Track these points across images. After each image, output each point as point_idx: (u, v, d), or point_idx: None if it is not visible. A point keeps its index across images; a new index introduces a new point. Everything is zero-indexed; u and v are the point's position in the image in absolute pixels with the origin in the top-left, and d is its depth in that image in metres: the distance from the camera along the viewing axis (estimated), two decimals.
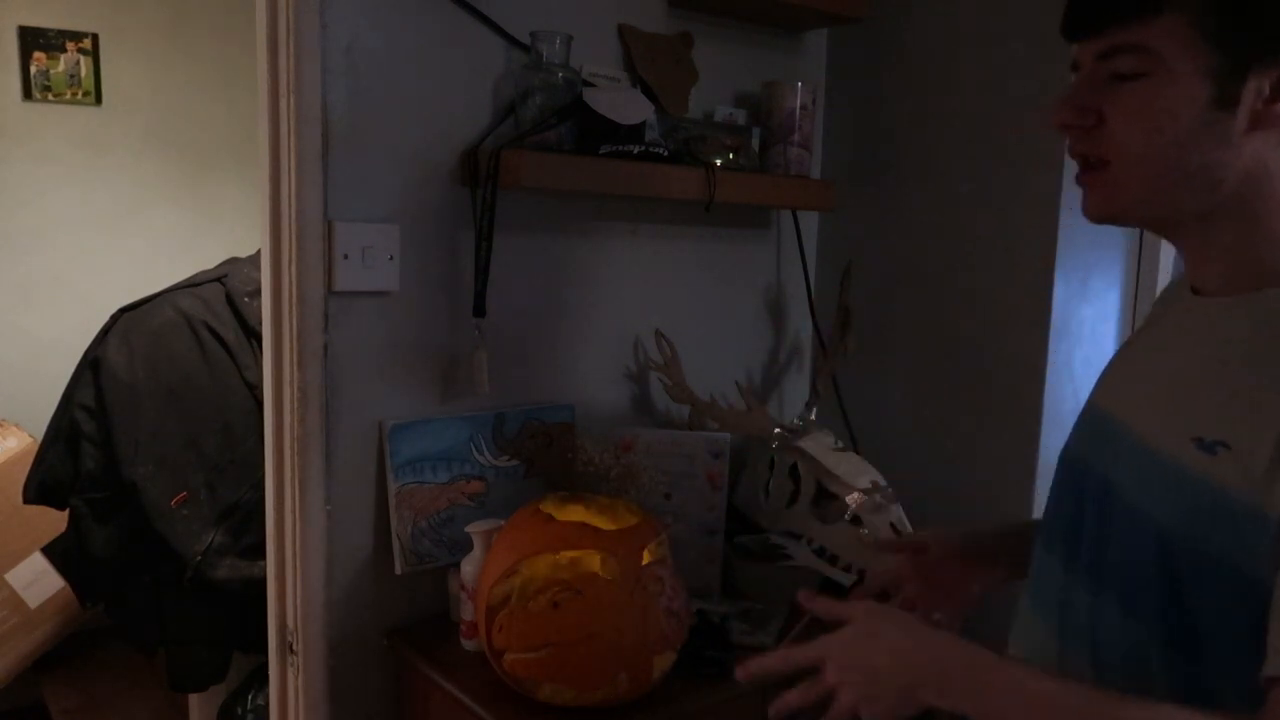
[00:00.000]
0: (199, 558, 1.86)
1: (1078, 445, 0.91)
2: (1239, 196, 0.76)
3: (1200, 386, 0.77)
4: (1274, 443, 0.69)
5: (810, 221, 1.92)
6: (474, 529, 1.35)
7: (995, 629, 0.94)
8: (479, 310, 1.42)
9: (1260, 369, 0.73)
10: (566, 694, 1.18)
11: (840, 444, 1.66)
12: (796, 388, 1.96)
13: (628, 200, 1.63)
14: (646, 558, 1.21)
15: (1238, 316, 0.77)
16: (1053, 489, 0.93)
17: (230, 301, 2.04)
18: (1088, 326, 1.64)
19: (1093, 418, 0.89)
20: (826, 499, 1.59)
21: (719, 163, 1.58)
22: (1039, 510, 1.34)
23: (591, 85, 1.50)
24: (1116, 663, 0.79)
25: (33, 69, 2.88)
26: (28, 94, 2.88)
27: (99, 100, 3.00)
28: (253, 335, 1.99)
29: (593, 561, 1.18)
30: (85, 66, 2.96)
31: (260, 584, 1.49)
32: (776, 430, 1.68)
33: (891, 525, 1.55)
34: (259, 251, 1.39)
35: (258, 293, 1.75)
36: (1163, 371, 0.82)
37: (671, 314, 1.73)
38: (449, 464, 1.47)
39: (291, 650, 1.42)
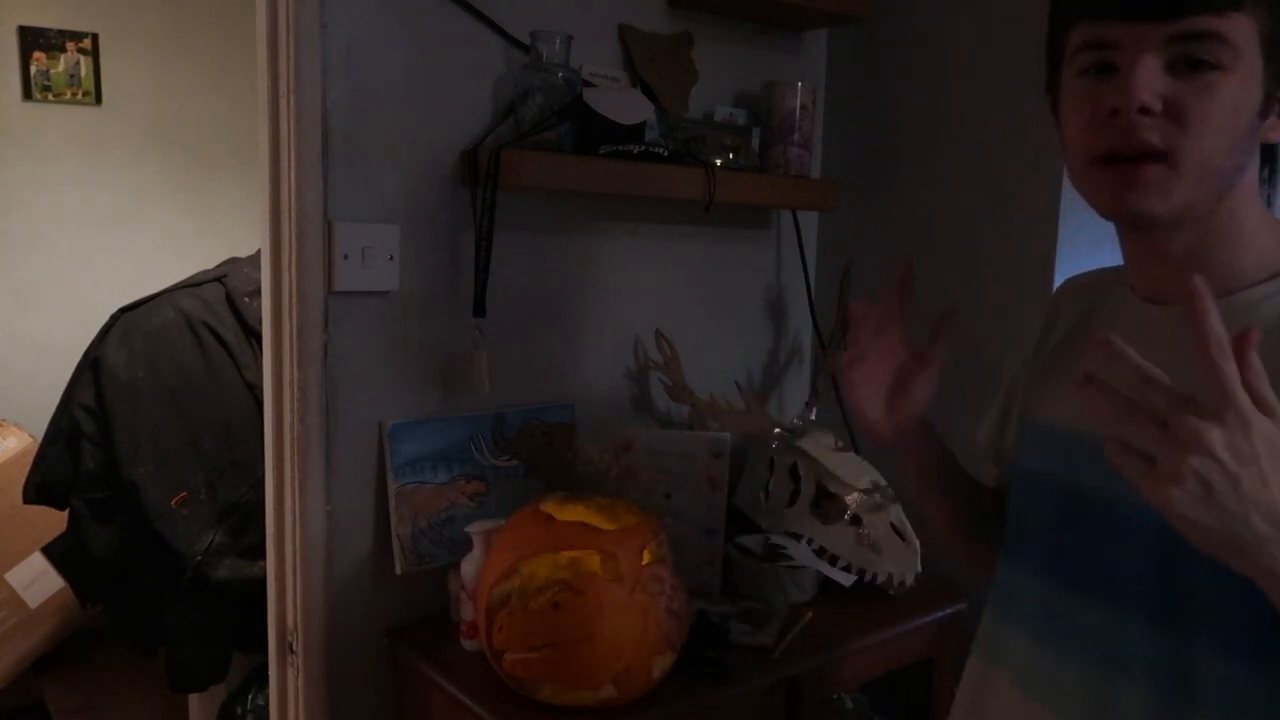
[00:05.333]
0: (199, 558, 1.86)
1: (1047, 466, 0.89)
2: (1229, 199, 0.76)
3: None
4: None
5: (810, 221, 1.92)
6: (474, 529, 1.35)
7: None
8: (479, 310, 1.42)
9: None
10: (566, 694, 1.18)
11: (840, 444, 1.66)
12: (796, 388, 1.96)
13: (628, 200, 1.63)
14: (646, 558, 1.21)
15: None
16: (1024, 506, 0.92)
17: (230, 301, 2.04)
18: None
19: (1055, 434, 0.87)
20: (826, 499, 1.60)
21: (719, 163, 1.58)
22: None
23: (591, 85, 1.50)
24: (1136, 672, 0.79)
25: (33, 69, 2.88)
26: (28, 94, 2.88)
27: (99, 100, 3.00)
28: (253, 335, 1.99)
29: (593, 561, 1.18)
30: (85, 66, 2.96)
31: (260, 584, 1.49)
32: (776, 430, 1.68)
33: (891, 525, 1.55)
34: (259, 251, 1.39)
35: (258, 293, 1.75)
36: None
37: (671, 314, 1.73)
38: (449, 464, 1.47)
39: (291, 650, 1.42)
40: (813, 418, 1.72)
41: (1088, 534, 0.83)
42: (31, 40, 2.87)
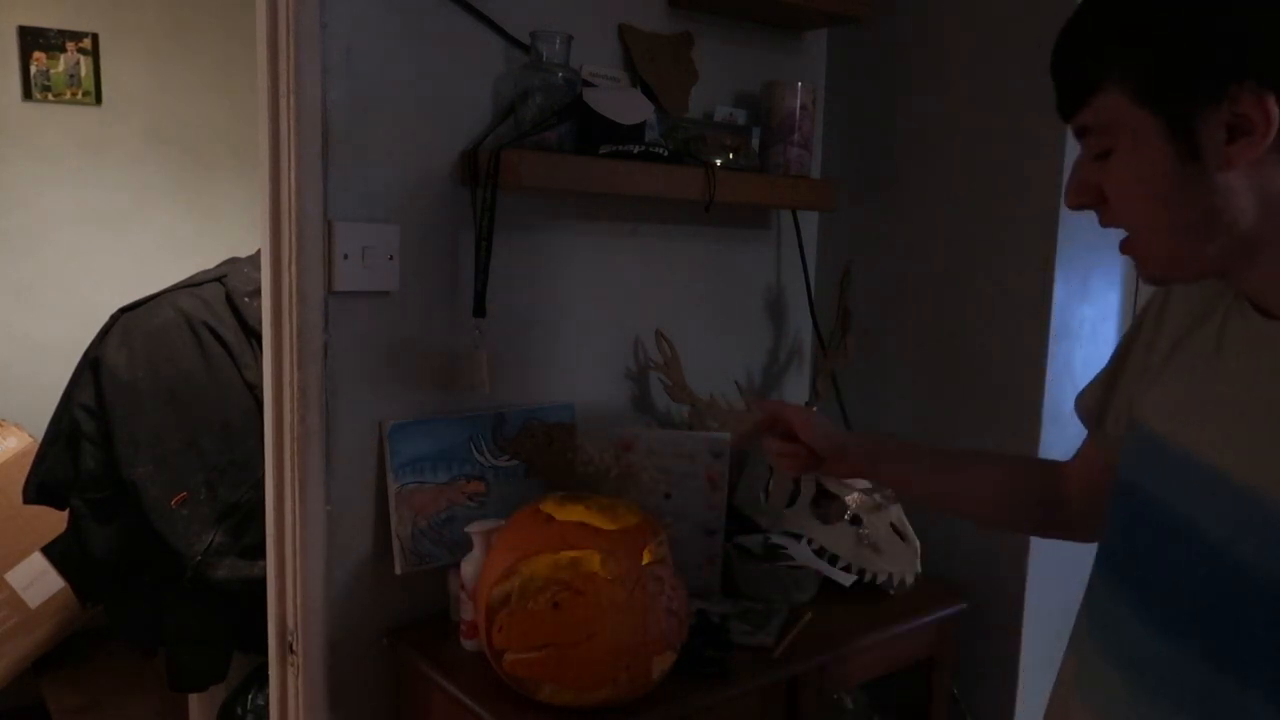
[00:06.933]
0: (199, 558, 1.86)
1: (1137, 477, 0.84)
2: (1271, 223, 0.72)
3: None
4: None
5: (810, 221, 1.92)
6: (474, 529, 1.35)
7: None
8: (479, 310, 1.42)
9: None
10: (566, 694, 1.18)
11: None
12: (796, 388, 1.96)
13: (628, 200, 1.63)
14: (646, 558, 1.21)
15: None
16: (1121, 525, 0.86)
17: (230, 301, 2.04)
18: (1088, 326, 1.64)
19: (1153, 447, 0.82)
20: (826, 499, 1.60)
21: (719, 163, 1.58)
22: None
23: (591, 85, 1.50)
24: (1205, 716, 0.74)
25: (33, 69, 2.88)
26: (28, 94, 2.88)
27: (99, 100, 3.00)
28: (253, 335, 1.99)
29: (593, 561, 1.18)
30: (85, 66, 2.96)
31: (260, 584, 1.49)
32: None
33: (891, 525, 1.55)
34: (259, 251, 1.39)
35: (258, 293, 1.75)
36: (1250, 404, 0.75)
37: (671, 314, 1.73)
38: (449, 464, 1.47)
39: (291, 650, 1.42)
40: None
41: (1185, 572, 0.76)
42: (31, 40, 2.87)
